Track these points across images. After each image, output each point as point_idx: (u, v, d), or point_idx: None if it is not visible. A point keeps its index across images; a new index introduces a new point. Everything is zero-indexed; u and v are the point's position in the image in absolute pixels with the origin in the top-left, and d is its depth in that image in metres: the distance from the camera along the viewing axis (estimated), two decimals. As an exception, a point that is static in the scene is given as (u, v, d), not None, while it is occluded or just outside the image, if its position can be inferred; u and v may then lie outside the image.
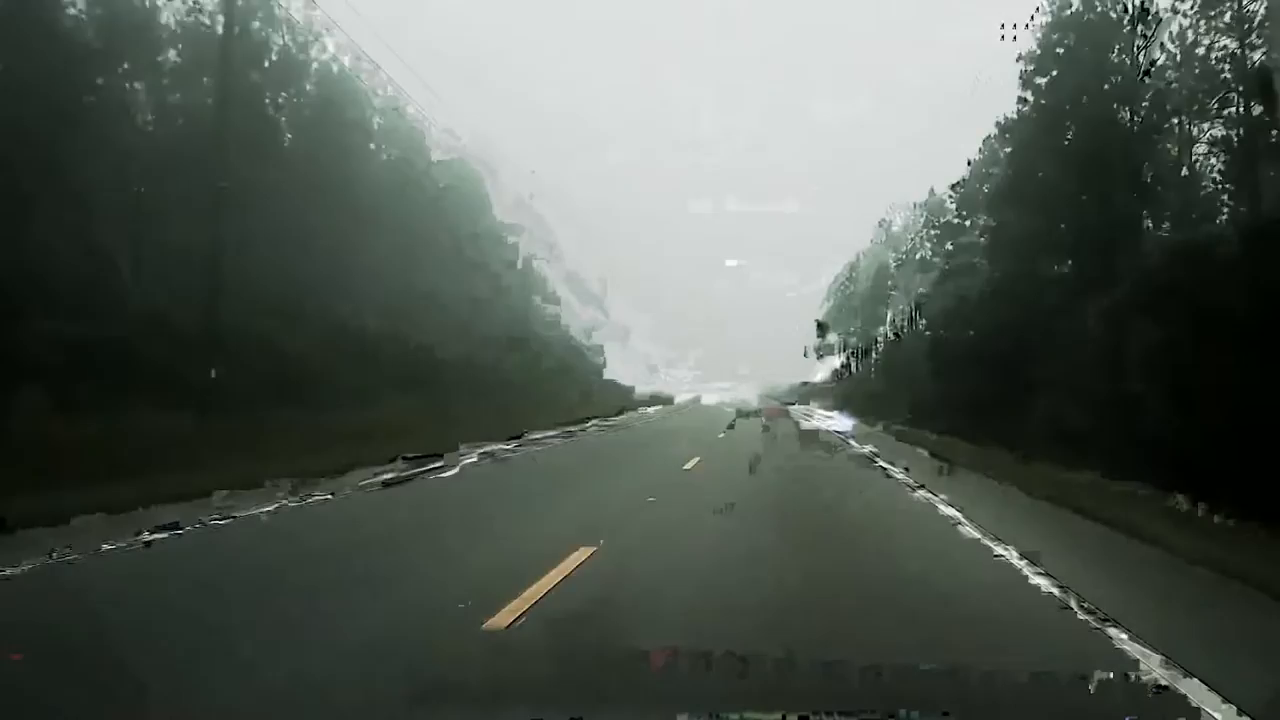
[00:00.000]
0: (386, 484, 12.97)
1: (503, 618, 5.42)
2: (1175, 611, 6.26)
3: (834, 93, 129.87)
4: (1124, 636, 5.21)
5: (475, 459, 17.43)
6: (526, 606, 5.71)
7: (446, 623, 5.48)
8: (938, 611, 5.91)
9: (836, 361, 66.45)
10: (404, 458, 15.85)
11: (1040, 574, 6.98)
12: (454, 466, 15.66)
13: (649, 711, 3.94)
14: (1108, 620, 5.57)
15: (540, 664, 4.72)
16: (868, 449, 22.63)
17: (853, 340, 64.38)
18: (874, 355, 57.78)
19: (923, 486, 13.54)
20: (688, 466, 16.78)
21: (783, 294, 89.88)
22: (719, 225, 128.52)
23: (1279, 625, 5.94)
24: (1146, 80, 20.95)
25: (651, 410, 60.63)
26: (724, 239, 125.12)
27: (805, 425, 37.31)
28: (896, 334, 52.32)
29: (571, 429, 29.82)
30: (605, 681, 4.32)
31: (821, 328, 69.07)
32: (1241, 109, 20.70)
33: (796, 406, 61.32)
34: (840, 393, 61.27)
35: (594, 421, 35.41)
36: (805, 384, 74.14)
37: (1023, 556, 7.67)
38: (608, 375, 70.29)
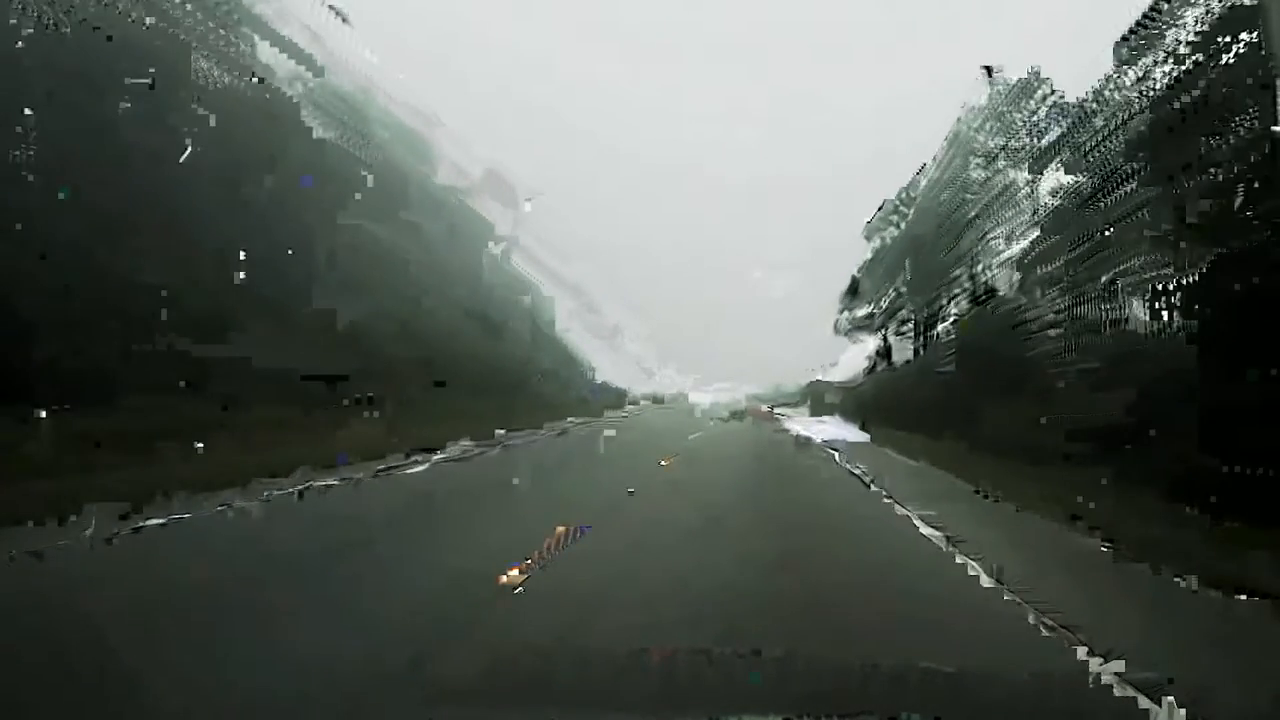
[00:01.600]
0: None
1: None
2: None
3: (839, 94, 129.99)
4: None
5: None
6: None
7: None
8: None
9: (872, 344, 46.14)
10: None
11: None
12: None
13: (649, 712, 3.99)
14: None
15: (541, 664, 4.76)
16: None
17: (900, 306, 40.98)
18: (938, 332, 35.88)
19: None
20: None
21: (784, 292, 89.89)
22: (717, 225, 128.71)
23: None
24: None
25: (626, 411, 59.51)
26: (721, 238, 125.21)
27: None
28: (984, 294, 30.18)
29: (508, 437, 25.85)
30: (606, 681, 4.37)
31: (854, 287, 48.08)
32: None
33: (785, 409, 55.95)
34: (862, 396, 44.23)
35: (544, 427, 31.93)
36: (816, 383, 60.81)
37: None
38: (601, 378, 70.35)
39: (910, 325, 39.53)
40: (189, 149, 22.49)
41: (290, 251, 26.99)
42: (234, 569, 7.77)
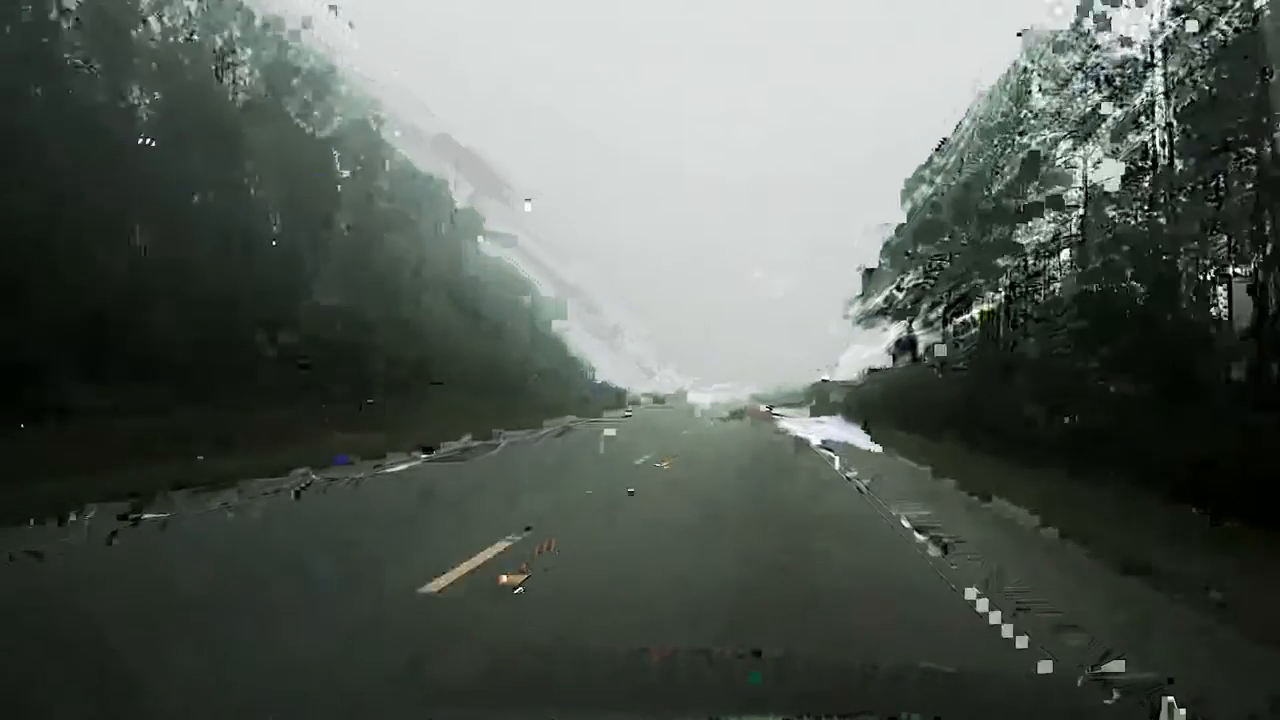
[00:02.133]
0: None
1: None
2: None
3: (839, 94, 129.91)
4: None
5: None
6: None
7: None
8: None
9: (893, 333, 38.95)
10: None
11: None
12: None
13: (649, 712, 4.00)
14: None
15: (541, 664, 4.76)
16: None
17: (930, 287, 33.19)
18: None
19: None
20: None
21: (784, 292, 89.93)
22: (717, 225, 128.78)
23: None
24: None
25: (628, 410, 59.84)
26: (721, 238, 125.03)
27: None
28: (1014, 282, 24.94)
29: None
30: (606, 681, 4.38)
31: (868, 280, 41.61)
32: None
33: (785, 409, 55.37)
34: (868, 396, 40.74)
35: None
36: (821, 383, 58.75)
37: None
38: (601, 378, 70.46)
39: (939, 310, 33.04)
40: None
41: (274, 244, 26.95)
42: (234, 568, 7.79)
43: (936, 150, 34.37)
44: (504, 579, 6.95)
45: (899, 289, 37.81)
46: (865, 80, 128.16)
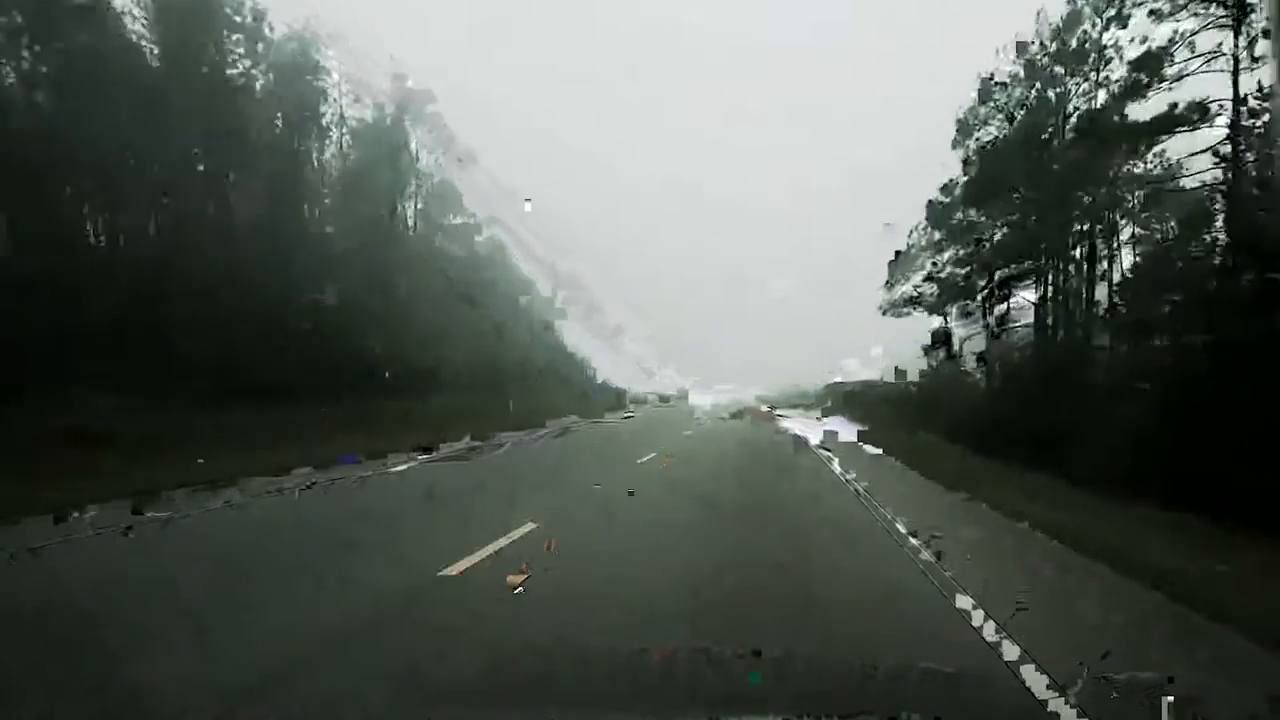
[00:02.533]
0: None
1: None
2: None
3: (841, 95, 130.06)
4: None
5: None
6: None
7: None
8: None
9: (921, 327, 33.44)
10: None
11: None
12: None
13: (649, 712, 4.00)
14: None
15: (541, 664, 4.76)
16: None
17: (984, 263, 27.08)
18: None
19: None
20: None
21: (784, 292, 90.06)
22: (718, 225, 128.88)
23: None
24: None
25: (629, 410, 60.08)
26: (722, 238, 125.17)
27: None
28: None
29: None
30: (606, 681, 4.38)
31: (895, 265, 34.78)
32: None
33: (789, 410, 55.81)
34: (883, 398, 38.36)
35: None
36: (834, 384, 56.70)
37: None
38: (601, 377, 70.46)
39: (981, 296, 27.86)
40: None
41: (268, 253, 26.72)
42: (235, 566, 7.81)
43: (995, 84, 26.42)
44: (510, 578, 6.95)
45: (936, 265, 31.87)
46: (867, 81, 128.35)
